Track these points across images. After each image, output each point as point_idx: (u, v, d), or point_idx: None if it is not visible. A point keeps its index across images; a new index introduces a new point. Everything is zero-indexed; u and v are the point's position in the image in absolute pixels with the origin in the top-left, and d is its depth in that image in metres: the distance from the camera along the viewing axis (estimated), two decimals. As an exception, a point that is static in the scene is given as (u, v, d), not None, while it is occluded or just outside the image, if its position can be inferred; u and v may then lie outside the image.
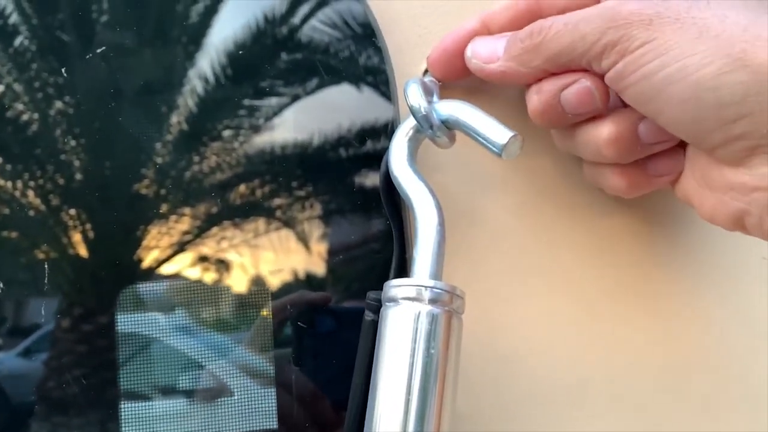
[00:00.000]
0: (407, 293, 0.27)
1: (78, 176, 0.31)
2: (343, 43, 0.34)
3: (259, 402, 0.31)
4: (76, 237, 0.31)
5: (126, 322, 0.30)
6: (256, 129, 0.33)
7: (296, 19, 0.33)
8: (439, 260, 0.28)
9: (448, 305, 0.27)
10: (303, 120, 0.33)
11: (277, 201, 0.32)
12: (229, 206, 0.32)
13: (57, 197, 0.31)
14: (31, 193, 0.31)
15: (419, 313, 0.27)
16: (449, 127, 0.31)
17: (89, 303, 0.31)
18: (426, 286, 0.27)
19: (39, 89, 0.31)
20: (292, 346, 0.32)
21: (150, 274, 0.31)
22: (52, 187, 0.31)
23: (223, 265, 0.32)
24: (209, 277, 0.32)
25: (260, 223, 0.32)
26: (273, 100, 0.33)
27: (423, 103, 0.30)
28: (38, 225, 0.31)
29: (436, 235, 0.28)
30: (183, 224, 0.31)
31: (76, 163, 0.31)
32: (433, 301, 0.27)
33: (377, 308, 0.29)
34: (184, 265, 0.31)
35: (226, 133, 0.32)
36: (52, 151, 0.31)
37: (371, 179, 0.33)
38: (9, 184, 0.30)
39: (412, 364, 0.27)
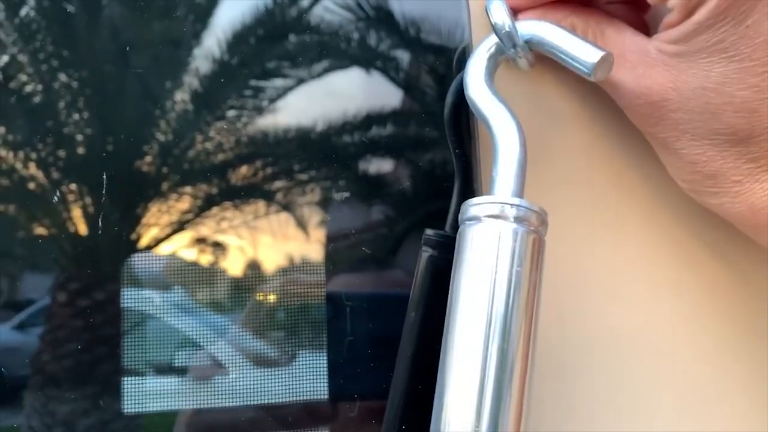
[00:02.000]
0: (490, 210, 0.25)
1: (80, 151, 0.31)
2: (354, 26, 0.33)
3: (255, 381, 0.31)
4: (76, 212, 0.31)
5: (131, 297, 0.30)
6: (260, 110, 0.32)
7: (306, 1, 0.33)
8: (522, 179, 0.26)
9: (534, 225, 0.25)
10: (308, 103, 0.32)
11: (279, 184, 0.32)
12: (231, 187, 0.32)
13: (58, 171, 0.31)
14: (32, 166, 0.31)
15: (502, 231, 0.25)
16: (532, 47, 0.29)
17: (89, 278, 0.31)
18: (510, 204, 0.25)
19: (43, 61, 0.31)
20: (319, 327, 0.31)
21: (149, 251, 0.31)
22: (53, 161, 0.31)
23: (219, 248, 0.32)
24: (205, 258, 0.32)
25: (260, 205, 0.32)
26: (278, 82, 0.32)
27: (507, 21, 0.28)
28: (38, 198, 0.31)
29: (519, 153, 0.26)
30: (183, 203, 0.31)
31: (79, 137, 0.31)
32: (518, 219, 0.25)
33: (438, 243, 0.27)
34: (182, 244, 0.31)
35: (231, 113, 0.32)
36: (54, 124, 0.31)
37: (375, 166, 0.33)
38: (10, 155, 0.30)
39: (493, 284, 0.24)
